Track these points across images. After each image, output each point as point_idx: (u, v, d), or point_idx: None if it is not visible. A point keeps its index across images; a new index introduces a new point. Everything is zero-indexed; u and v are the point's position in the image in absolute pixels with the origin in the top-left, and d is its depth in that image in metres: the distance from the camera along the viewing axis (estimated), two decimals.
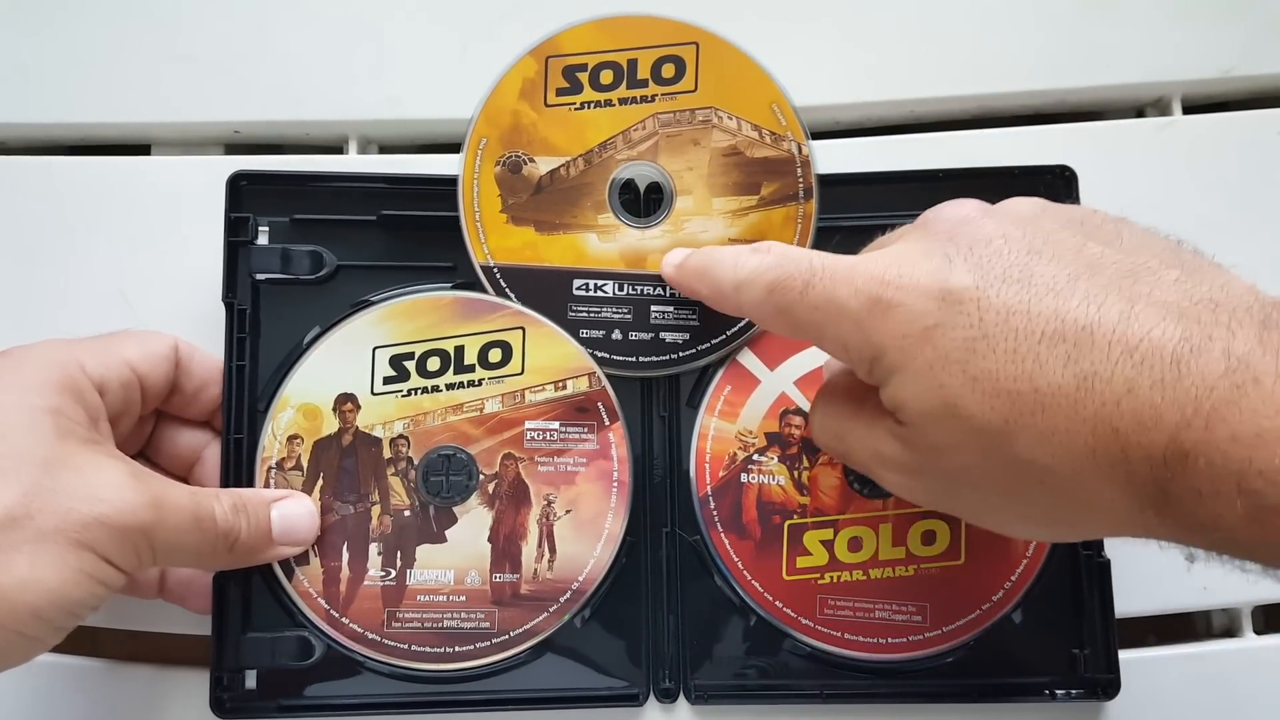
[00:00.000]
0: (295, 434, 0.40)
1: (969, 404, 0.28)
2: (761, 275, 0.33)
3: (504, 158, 0.42)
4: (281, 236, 0.42)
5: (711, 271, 0.36)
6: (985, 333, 0.28)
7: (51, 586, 0.31)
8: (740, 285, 0.34)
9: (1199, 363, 0.26)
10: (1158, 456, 0.26)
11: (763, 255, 0.34)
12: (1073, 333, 0.27)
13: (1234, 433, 0.25)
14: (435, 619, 0.40)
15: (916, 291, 0.29)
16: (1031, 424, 0.28)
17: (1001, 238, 0.30)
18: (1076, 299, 0.28)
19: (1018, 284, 0.28)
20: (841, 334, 0.31)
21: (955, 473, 0.30)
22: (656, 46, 0.42)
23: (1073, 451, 0.27)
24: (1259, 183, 0.45)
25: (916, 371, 0.29)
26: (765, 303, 0.33)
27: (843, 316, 0.31)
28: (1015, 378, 0.28)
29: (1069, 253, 0.29)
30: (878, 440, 0.32)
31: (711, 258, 0.36)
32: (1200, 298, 0.27)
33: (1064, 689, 0.41)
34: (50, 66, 0.46)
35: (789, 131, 0.42)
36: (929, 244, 0.31)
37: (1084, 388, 0.27)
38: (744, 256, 0.34)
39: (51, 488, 0.31)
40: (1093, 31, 0.46)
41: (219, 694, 0.39)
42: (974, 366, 0.28)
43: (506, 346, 0.41)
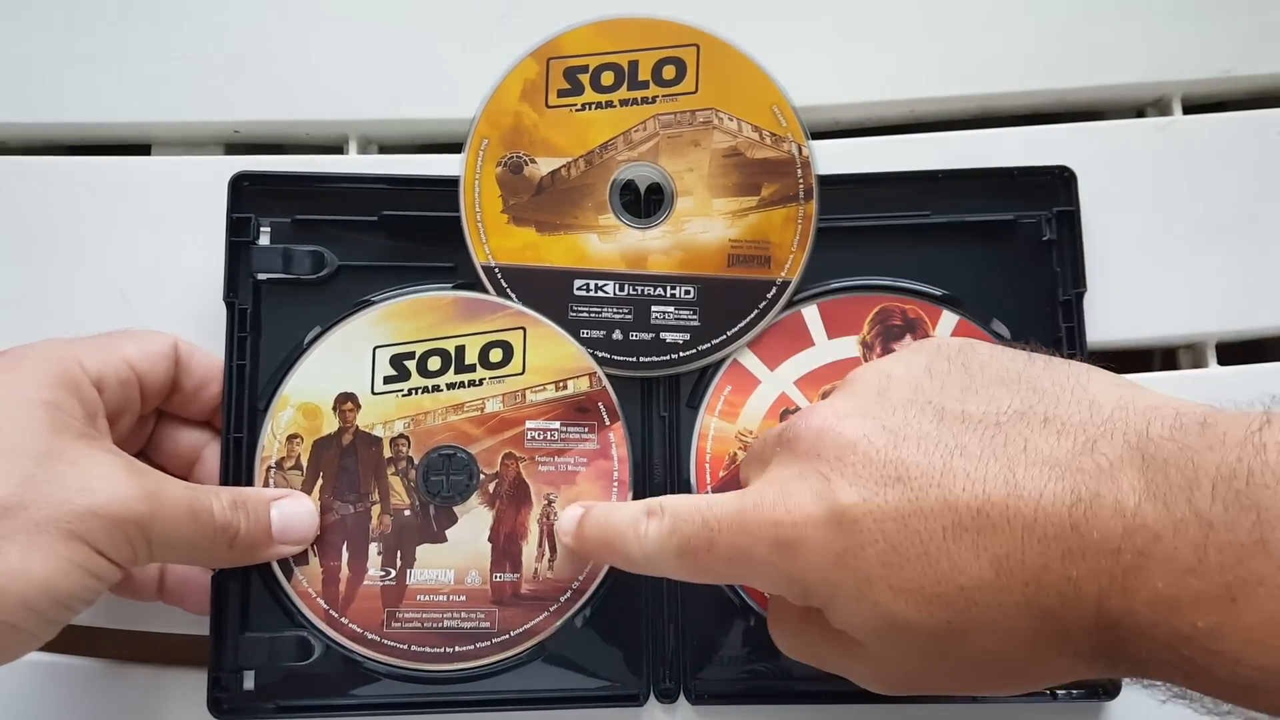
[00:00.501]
0: (295, 433, 0.40)
1: (907, 615, 0.28)
2: (666, 543, 0.33)
3: (505, 158, 0.42)
4: (283, 236, 0.42)
5: (616, 545, 0.35)
6: (891, 544, 0.28)
7: (42, 577, 0.30)
8: (651, 558, 0.33)
9: (1096, 525, 0.25)
10: (1091, 628, 0.26)
11: (659, 520, 0.33)
12: (970, 520, 0.27)
13: (1151, 599, 0.24)
14: (435, 619, 0.40)
15: (811, 523, 0.29)
16: (970, 620, 0.27)
17: (864, 437, 0.30)
18: (959, 483, 0.27)
19: (899, 484, 0.28)
20: (763, 577, 0.31)
21: (919, 670, 0.30)
22: (657, 48, 0.42)
23: (1016, 636, 0.27)
24: (1259, 183, 0.45)
25: (846, 596, 0.29)
26: (682, 569, 0.33)
27: (757, 564, 0.31)
28: (937, 581, 0.27)
29: (931, 428, 0.29)
30: (838, 658, 0.32)
31: (610, 527, 0.35)
32: (1075, 440, 0.27)
33: (1065, 689, 0.40)
34: (50, 66, 0.46)
35: (789, 133, 0.42)
36: (801, 467, 0.31)
37: (1003, 573, 0.27)
38: (641, 525, 0.33)
39: (45, 479, 0.31)
40: (1093, 31, 0.46)
41: (217, 694, 0.39)
42: (896, 579, 0.28)
43: (507, 346, 0.41)
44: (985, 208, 0.43)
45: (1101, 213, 0.44)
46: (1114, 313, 0.44)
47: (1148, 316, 0.44)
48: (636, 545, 0.34)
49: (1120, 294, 0.44)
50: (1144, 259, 0.44)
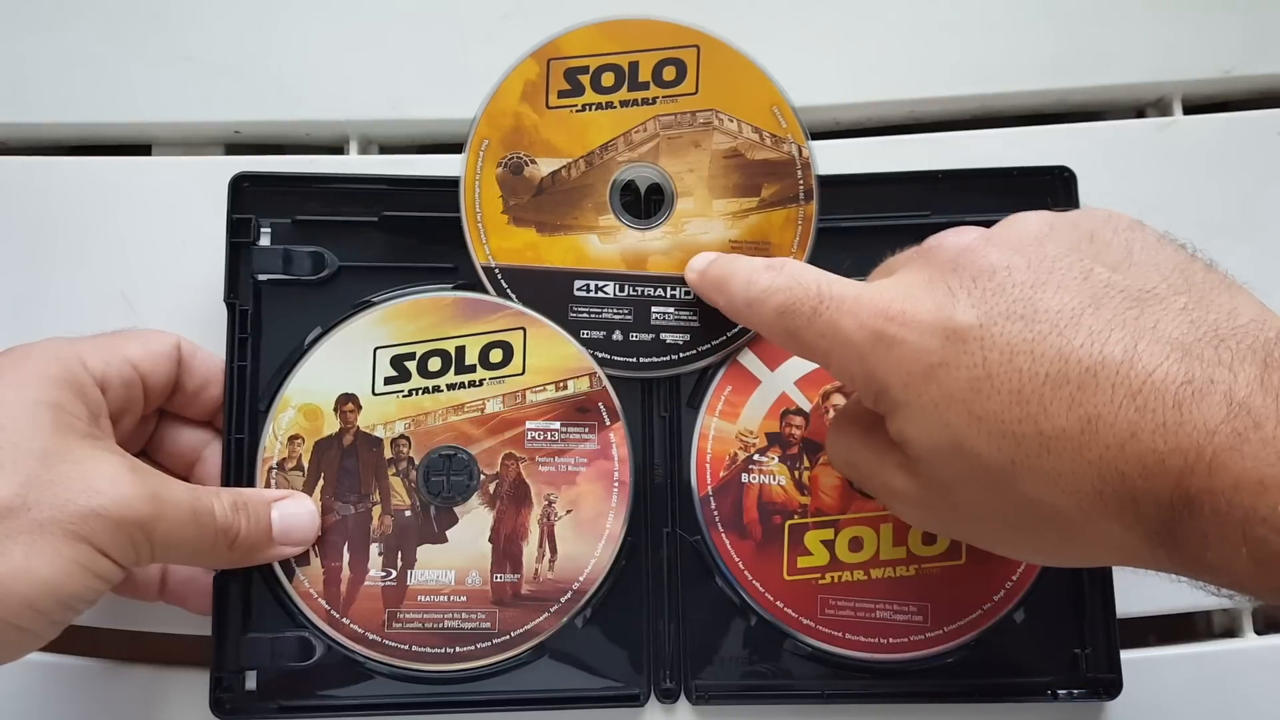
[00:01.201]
0: (296, 434, 0.40)
1: (975, 443, 0.28)
2: (772, 296, 0.33)
3: (505, 159, 0.42)
4: (283, 237, 0.42)
5: (728, 284, 0.36)
6: (990, 373, 0.28)
7: (46, 577, 0.31)
8: (752, 303, 0.34)
9: (1201, 407, 0.25)
10: (1164, 501, 0.26)
11: (774, 274, 0.34)
12: (1076, 375, 0.27)
13: (1237, 480, 0.25)
14: (436, 619, 0.40)
15: (920, 328, 0.29)
16: (1037, 465, 0.28)
17: (1005, 269, 0.29)
18: (1081, 337, 0.27)
19: (1022, 320, 0.28)
20: (847, 365, 0.31)
21: (964, 507, 0.30)
22: (657, 49, 0.42)
23: (1080, 493, 0.27)
24: (1259, 183, 0.45)
25: (921, 409, 0.29)
26: (775, 324, 0.33)
27: (848, 348, 0.31)
28: (1020, 419, 0.28)
29: (1074, 281, 0.29)
30: (887, 473, 0.32)
31: (729, 270, 0.36)
32: (1206, 330, 0.27)
33: (1065, 689, 0.41)
34: (50, 66, 0.46)
35: (789, 134, 0.42)
36: (931, 275, 0.31)
37: (1088, 431, 0.27)
38: (757, 274, 0.34)
39: (49, 480, 0.31)
40: (1093, 31, 0.46)
41: (219, 695, 0.39)
42: (979, 407, 0.28)
43: (507, 347, 0.41)
44: (985, 208, 0.43)
45: None
46: None
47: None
48: (743, 287, 0.35)
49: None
50: None
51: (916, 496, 0.32)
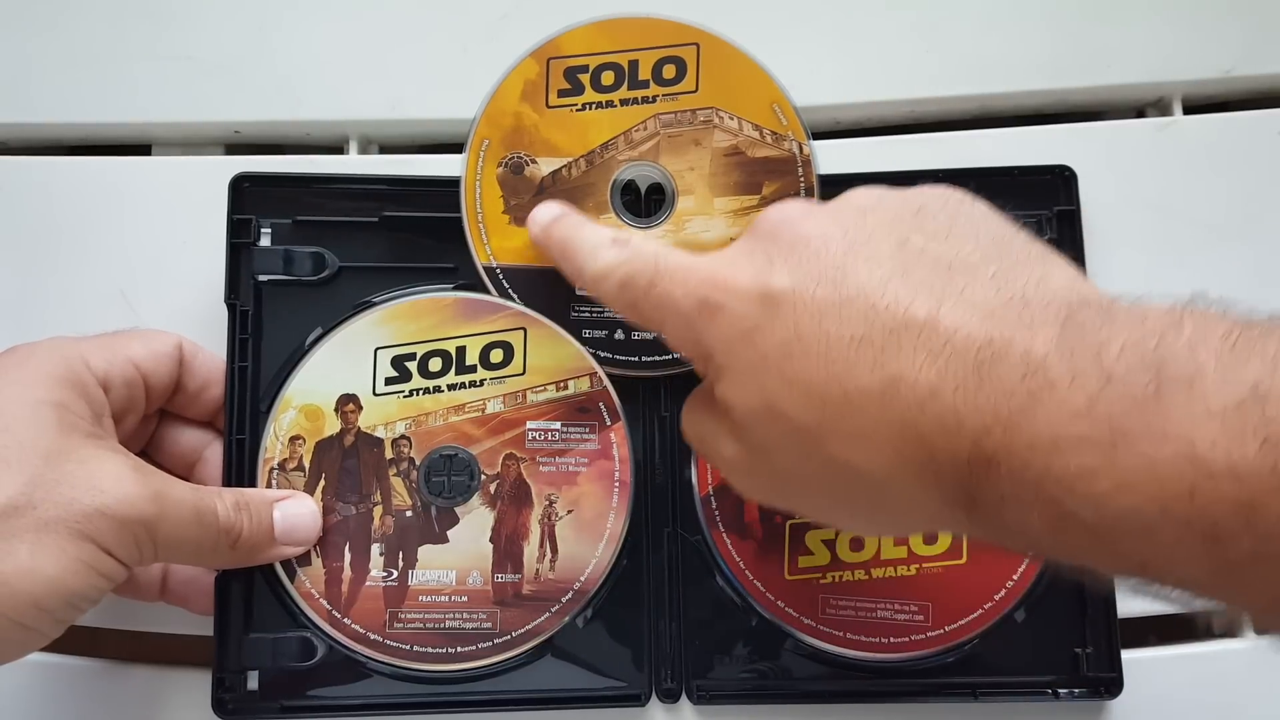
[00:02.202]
0: (297, 435, 0.40)
1: (786, 405, 0.29)
2: (614, 270, 0.34)
3: (506, 159, 0.42)
4: (284, 238, 0.42)
5: (573, 256, 0.36)
6: (800, 335, 0.29)
7: (51, 575, 0.31)
8: (596, 279, 0.34)
9: (999, 368, 0.26)
10: (962, 461, 0.26)
11: (619, 249, 0.34)
12: (880, 336, 0.27)
13: (1031, 440, 0.25)
14: (437, 619, 0.40)
15: (739, 294, 0.30)
16: (842, 426, 0.28)
17: (821, 238, 0.30)
18: (887, 299, 0.28)
19: (832, 285, 0.29)
20: (676, 333, 0.32)
21: (783, 473, 0.31)
22: (657, 47, 0.42)
23: (882, 453, 0.28)
24: (1259, 183, 0.45)
25: (739, 373, 0.30)
26: (617, 298, 0.34)
27: (678, 317, 0.32)
28: (827, 381, 0.28)
29: (888, 250, 0.29)
30: (720, 441, 0.33)
31: (575, 238, 0.36)
32: (1012, 295, 0.27)
33: (1066, 688, 0.41)
34: (50, 66, 0.46)
35: (790, 131, 0.42)
36: (754, 245, 0.31)
37: (889, 392, 0.27)
38: (602, 249, 0.34)
39: (54, 479, 0.31)
40: (1093, 31, 0.46)
41: (221, 695, 0.39)
42: (789, 369, 0.29)
43: (508, 347, 0.41)
44: None
45: (1102, 213, 0.44)
46: None
47: None
48: (590, 261, 0.35)
49: (1120, 294, 0.44)
50: (1144, 259, 0.44)
51: (743, 463, 0.32)
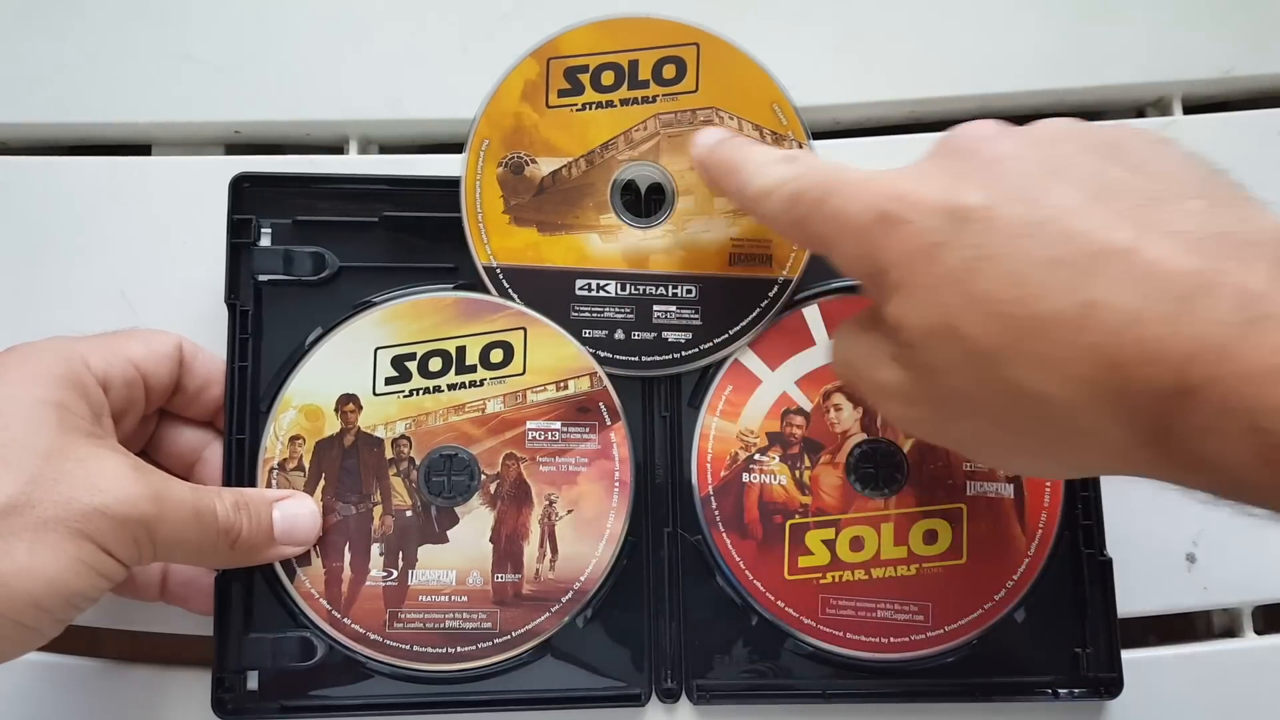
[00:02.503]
0: (297, 434, 0.40)
1: (967, 325, 0.28)
2: (784, 185, 0.33)
3: (506, 159, 0.42)
4: (284, 238, 0.42)
5: (739, 172, 0.35)
6: (990, 253, 0.27)
7: (50, 575, 0.31)
8: (763, 193, 0.33)
9: (1210, 297, 0.24)
10: (1161, 391, 0.25)
11: (789, 165, 0.33)
12: (1079, 259, 0.26)
13: (1246, 369, 0.24)
14: (437, 619, 0.40)
15: (924, 208, 0.29)
16: (1029, 349, 0.27)
17: (1016, 157, 0.29)
18: (1086, 223, 0.26)
19: (1027, 204, 0.27)
20: (849, 248, 0.31)
21: (952, 399, 0.30)
22: (657, 47, 0.42)
23: (1070, 380, 0.26)
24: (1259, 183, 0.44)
25: (917, 289, 0.29)
26: (783, 214, 0.33)
27: (850, 230, 0.30)
28: (1015, 301, 0.27)
29: (1087, 176, 0.28)
30: (880, 367, 0.31)
31: (741, 156, 0.36)
32: (1219, 230, 0.26)
33: (1066, 688, 0.41)
34: (50, 66, 0.46)
35: (790, 131, 0.42)
36: (943, 161, 0.30)
37: (1086, 315, 0.26)
38: (771, 166, 0.34)
39: (53, 478, 0.31)
40: (1093, 31, 0.46)
41: (220, 695, 0.39)
42: (975, 287, 0.27)
43: (508, 347, 0.41)
44: None
45: None
46: None
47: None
48: (755, 176, 0.34)
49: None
50: None
51: (907, 389, 0.31)
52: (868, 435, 0.42)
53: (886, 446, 0.42)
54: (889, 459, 0.42)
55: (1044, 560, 0.41)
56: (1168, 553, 0.43)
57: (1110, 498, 0.41)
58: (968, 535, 0.41)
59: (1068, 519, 0.41)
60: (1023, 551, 0.41)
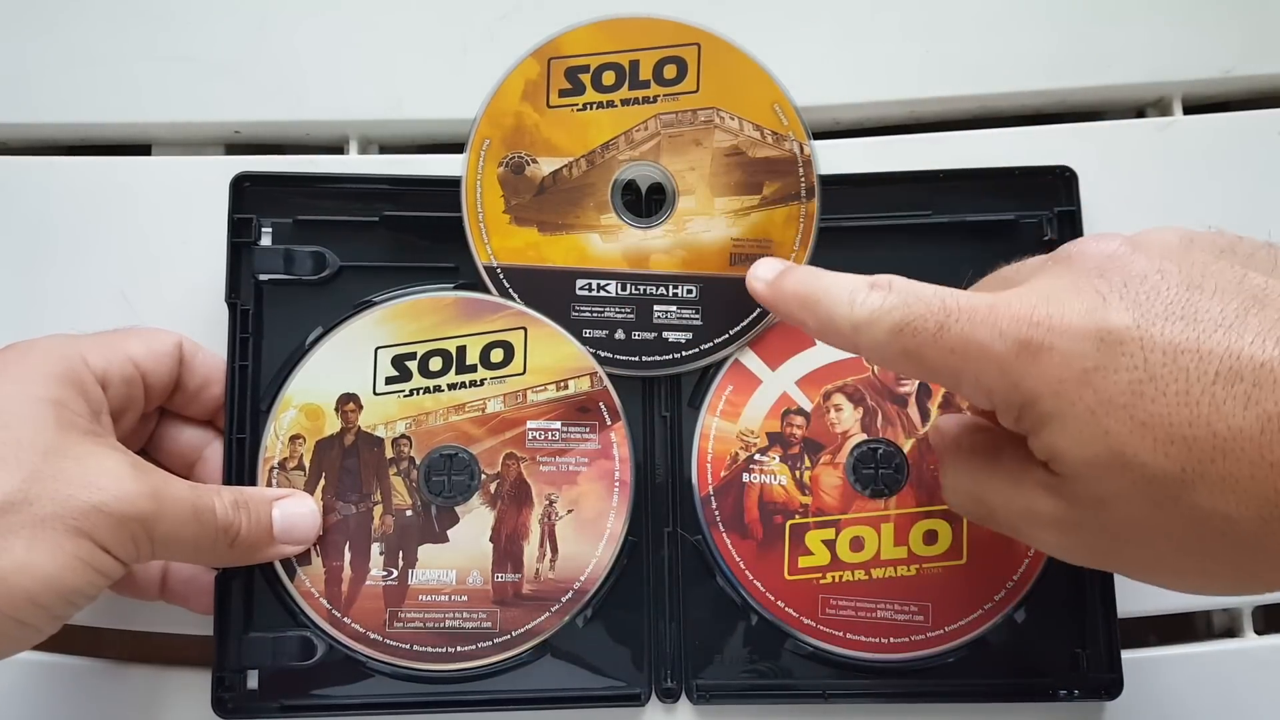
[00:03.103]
0: (298, 434, 0.40)
1: (1139, 451, 0.27)
2: (885, 316, 0.31)
3: (507, 159, 0.42)
4: (284, 237, 0.42)
5: (821, 305, 0.33)
6: (1152, 374, 0.26)
7: (48, 572, 0.31)
8: (859, 326, 0.31)
9: None
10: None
11: (884, 293, 0.31)
12: (1250, 370, 0.25)
13: None
14: (437, 619, 0.40)
15: (1070, 333, 0.28)
16: (1211, 471, 0.26)
17: (1157, 273, 0.28)
18: (1249, 335, 0.26)
19: (1182, 321, 0.27)
20: (984, 380, 0.29)
21: (1121, 527, 0.28)
22: (658, 47, 0.42)
23: (1259, 499, 0.26)
24: (1259, 183, 0.45)
25: (1076, 418, 0.27)
26: (889, 345, 0.31)
27: (985, 360, 0.29)
28: (1190, 422, 0.26)
29: (1231, 285, 0.27)
30: (1028, 496, 0.30)
31: (819, 288, 0.33)
32: None
33: (1066, 689, 0.41)
34: (50, 66, 0.46)
35: (790, 131, 0.42)
36: (1076, 280, 0.29)
37: (1268, 430, 0.25)
38: (861, 294, 0.31)
39: (51, 475, 0.31)
40: (1093, 31, 0.46)
41: (221, 694, 0.39)
42: (1142, 411, 0.26)
43: (508, 346, 0.41)
44: (986, 207, 0.43)
45: (1102, 213, 0.44)
46: None
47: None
48: (846, 310, 0.32)
49: None
50: None
51: (1065, 520, 0.29)
52: (868, 435, 0.42)
53: (887, 447, 0.42)
54: (889, 459, 0.42)
55: (1044, 560, 0.41)
56: None
57: None
58: (968, 535, 0.41)
59: None
60: (1023, 551, 0.41)
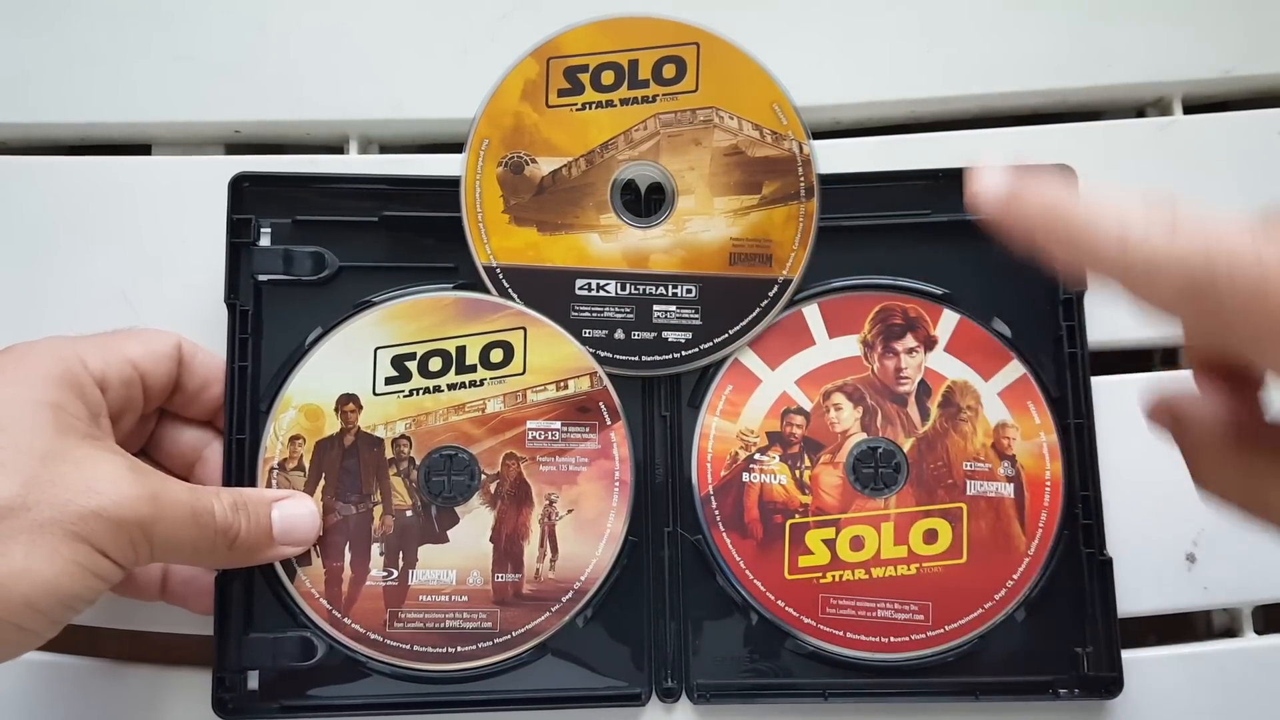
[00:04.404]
0: (297, 434, 0.40)
1: None
2: (1181, 248, 0.24)
3: (506, 159, 0.42)
4: (283, 238, 0.42)
5: (1087, 232, 0.26)
6: None
7: (46, 577, 0.31)
8: (1145, 256, 0.25)
9: None
10: None
11: (1169, 229, 0.25)
12: None
13: None
14: (437, 619, 0.40)
15: None
16: None
17: None
18: None
19: None
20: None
21: None
22: (657, 47, 0.42)
23: None
24: (1259, 183, 0.45)
25: None
26: (1178, 293, 0.25)
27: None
28: None
29: None
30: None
31: (1079, 208, 0.26)
32: None
33: (1066, 688, 0.41)
34: (50, 66, 0.46)
35: (790, 130, 0.42)
36: None
37: None
38: (1138, 223, 0.25)
39: (49, 480, 0.31)
40: (1093, 31, 0.46)
41: (221, 694, 0.39)
42: None
43: (508, 346, 0.41)
44: None
45: None
46: (1114, 312, 0.44)
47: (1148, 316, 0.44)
48: (1123, 242, 0.25)
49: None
50: None
51: None
52: (867, 434, 0.42)
53: (886, 446, 0.42)
54: (889, 459, 0.42)
55: (1044, 560, 0.41)
56: (1168, 553, 0.43)
57: (1110, 498, 0.42)
58: (968, 535, 0.41)
59: (1068, 519, 0.41)
60: (1023, 551, 0.41)
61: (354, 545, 0.40)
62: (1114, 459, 0.42)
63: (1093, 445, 0.42)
